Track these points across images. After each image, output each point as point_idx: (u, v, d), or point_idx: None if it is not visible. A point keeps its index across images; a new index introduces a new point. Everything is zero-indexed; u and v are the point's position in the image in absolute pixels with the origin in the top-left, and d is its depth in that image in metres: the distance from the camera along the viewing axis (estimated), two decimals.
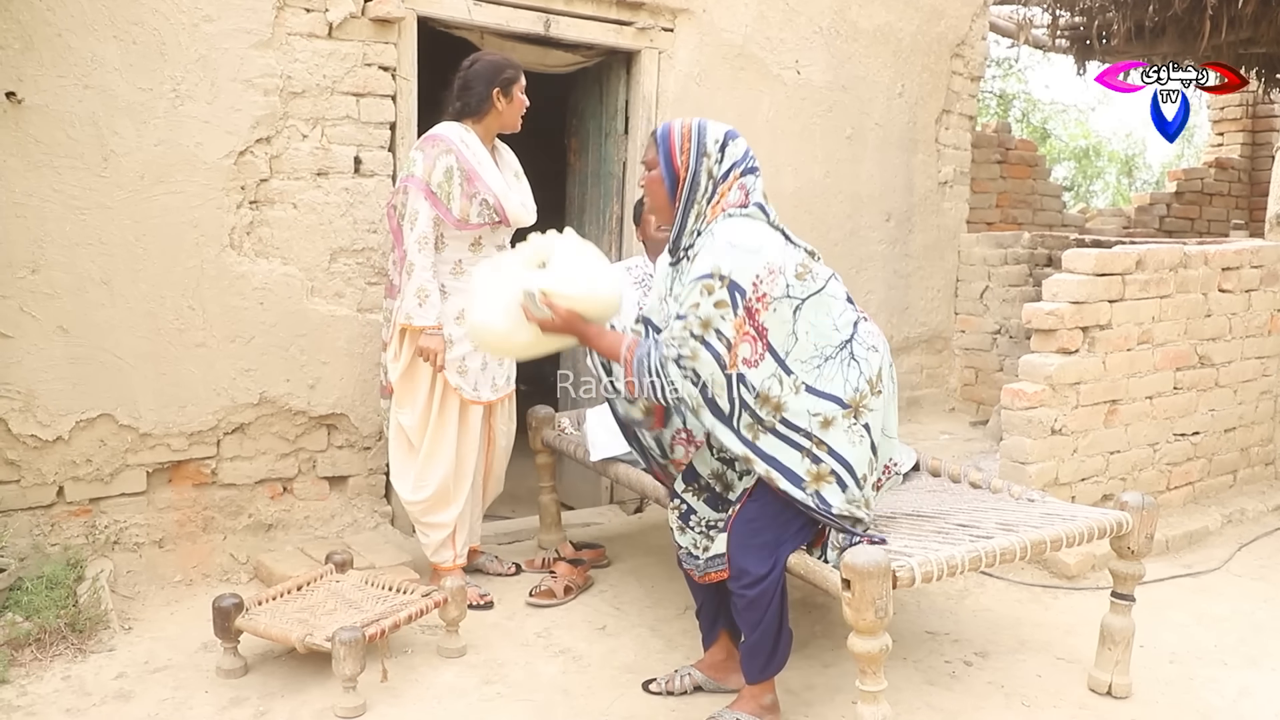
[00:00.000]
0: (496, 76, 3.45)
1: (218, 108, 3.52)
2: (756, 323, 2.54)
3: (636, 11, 4.43)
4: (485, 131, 3.51)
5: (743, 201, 2.65)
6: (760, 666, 2.72)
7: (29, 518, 3.43)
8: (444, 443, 3.48)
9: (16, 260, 3.29)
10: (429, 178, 3.34)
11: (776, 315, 2.56)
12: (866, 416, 2.63)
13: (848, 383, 2.61)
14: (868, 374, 2.63)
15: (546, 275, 2.68)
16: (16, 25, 3.19)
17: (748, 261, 2.53)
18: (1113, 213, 9.05)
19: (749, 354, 2.55)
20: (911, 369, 5.92)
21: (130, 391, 3.52)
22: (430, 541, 3.55)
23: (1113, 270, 4.11)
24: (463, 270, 3.45)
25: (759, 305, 2.54)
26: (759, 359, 2.55)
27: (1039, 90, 17.48)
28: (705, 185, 2.66)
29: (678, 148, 2.69)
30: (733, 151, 2.68)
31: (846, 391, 2.60)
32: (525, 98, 3.53)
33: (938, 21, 5.61)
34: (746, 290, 2.52)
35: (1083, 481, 4.18)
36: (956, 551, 2.55)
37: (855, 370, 2.63)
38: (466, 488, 3.55)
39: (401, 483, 3.54)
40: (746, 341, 2.54)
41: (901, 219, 5.68)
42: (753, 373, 2.55)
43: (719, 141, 2.68)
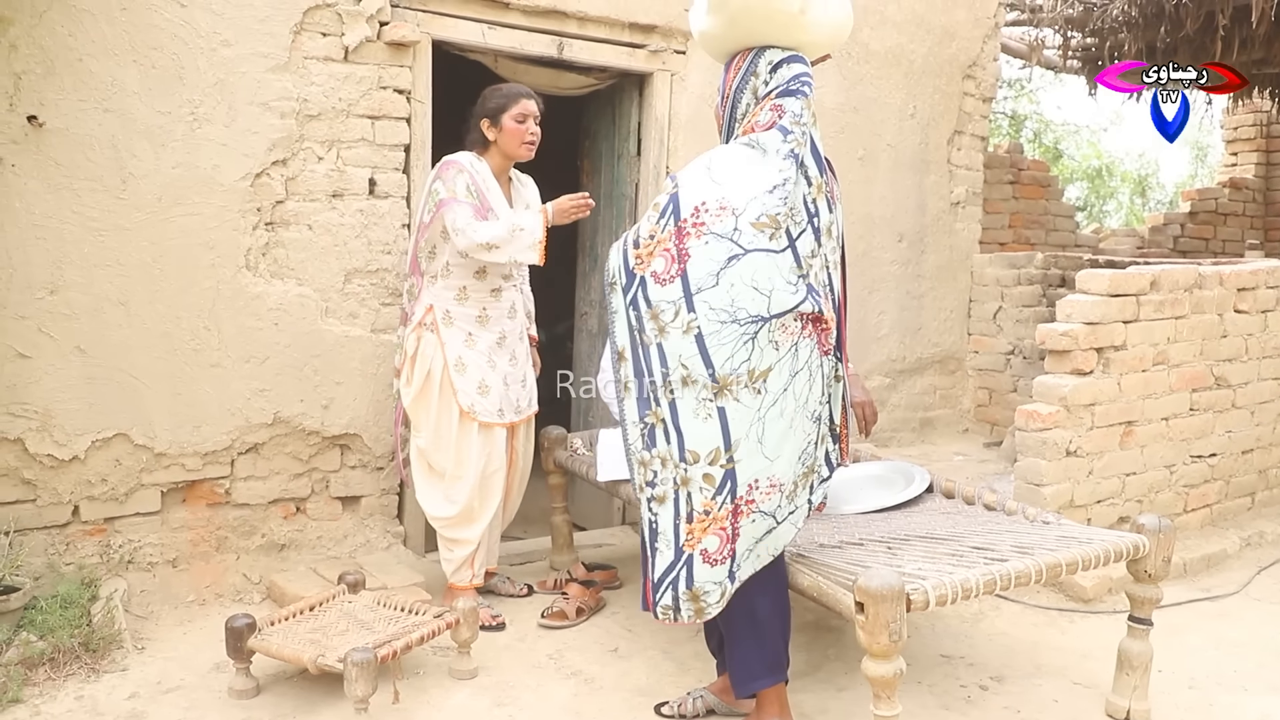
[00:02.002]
0: (483, 108, 3.52)
1: (235, 130, 3.55)
2: (682, 245, 2.48)
3: (649, 34, 4.46)
4: (494, 163, 3.55)
5: (770, 123, 2.56)
6: (744, 675, 2.70)
7: (44, 537, 3.45)
8: (468, 459, 3.49)
9: (35, 281, 3.32)
10: (456, 193, 3.39)
11: (706, 249, 2.47)
12: (729, 404, 2.49)
13: (732, 358, 2.47)
14: (755, 364, 2.48)
15: None
16: (39, 51, 3.23)
17: (703, 187, 2.50)
18: (1126, 233, 9.03)
19: (660, 269, 2.50)
20: (924, 390, 5.90)
21: (146, 411, 3.54)
22: (453, 558, 3.56)
23: (1127, 291, 4.10)
24: (467, 296, 3.50)
25: (691, 230, 2.48)
26: (668, 279, 2.50)
27: (1051, 111, 17.46)
28: (747, 105, 2.62)
29: (732, 68, 2.67)
30: (783, 74, 2.60)
31: (723, 364, 2.48)
32: (522, 126, 3.50)
33: (949, 43, 5.63)
34: (683, 211, 2.49)
35: (1098, 504, 4.15)
36: (971, 574, 2.53)
37: (746, 352, 2.49)
38: (493, 507, 3.57)
39: (427, 499, 3.56)
40: (662, 256, 2.50)
41: (914, 240, 5.68)
42: (656, 287, 2.50)
43: (772, 64, 2.61)
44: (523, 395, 3.69)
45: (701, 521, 2.54)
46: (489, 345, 3.54)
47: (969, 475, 4.95)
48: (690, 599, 2.57)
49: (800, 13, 2.59)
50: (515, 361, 3.65)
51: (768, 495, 2.55)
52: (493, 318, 3.56)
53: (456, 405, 3.47)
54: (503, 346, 3.59)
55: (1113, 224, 16.83)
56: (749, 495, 2.53)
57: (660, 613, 2.61)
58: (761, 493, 2.54)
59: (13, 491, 3.39)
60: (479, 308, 3.53)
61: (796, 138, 2.55)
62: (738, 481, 2.52)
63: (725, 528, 2.54)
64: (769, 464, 2.54)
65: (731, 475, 2.52)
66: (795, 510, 2.62)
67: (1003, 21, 6.17)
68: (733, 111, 2.67)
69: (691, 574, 2.56)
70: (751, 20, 2.61)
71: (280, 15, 3.58)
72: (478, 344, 3.52)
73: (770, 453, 2.54)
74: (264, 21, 3.56)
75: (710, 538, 2.54)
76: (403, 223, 3.91)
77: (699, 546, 2.55)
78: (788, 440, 2.56)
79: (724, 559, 2.55)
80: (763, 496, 2.54)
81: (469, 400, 3.48)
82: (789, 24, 2.61)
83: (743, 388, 2.49)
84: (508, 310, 3.62)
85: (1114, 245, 8.37)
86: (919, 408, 5.86)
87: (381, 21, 3.77)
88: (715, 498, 2.52)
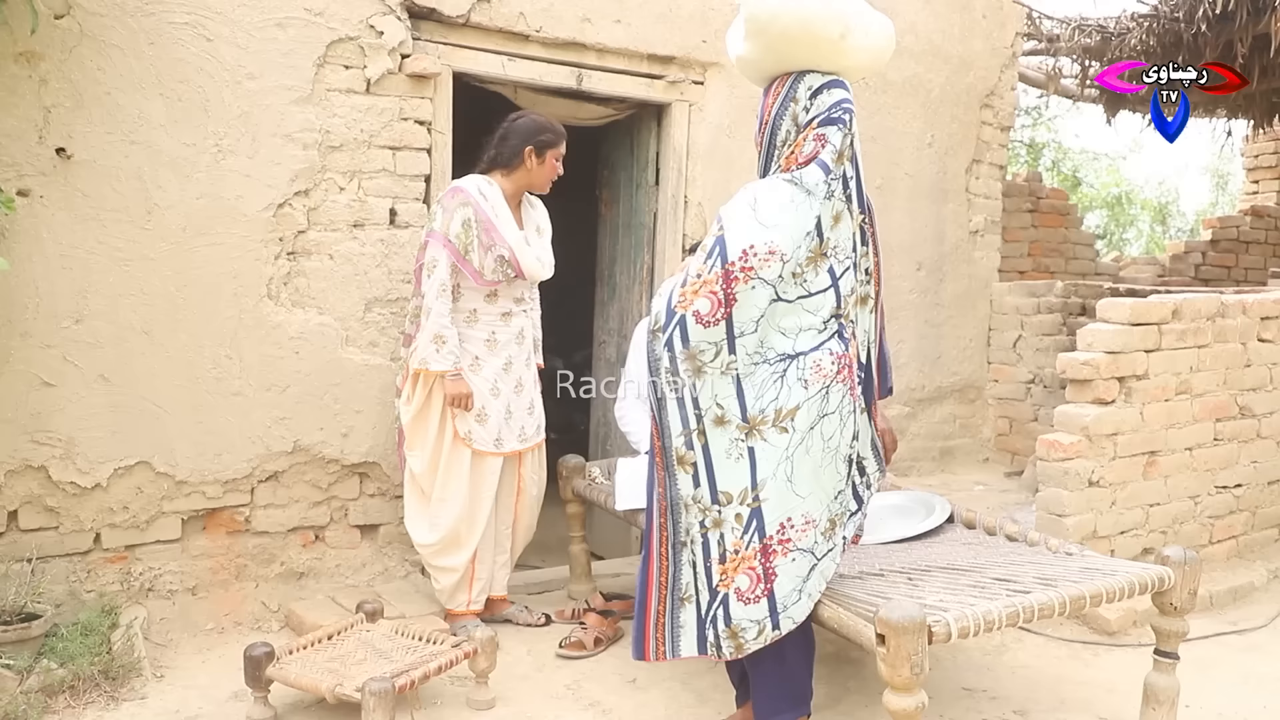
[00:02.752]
0: (533, 135, 3.53)
1: (258, 162, 3.60)
2: (729, 289, 2.45)
3: (667, 65, 4.49)
4: (513, 186, 3.58)
5: (813, 155, 2.54)
6: (767, 708, 2.68)
7: (66, 564, 3.47)
8: (455, 485, 3.51)
9: (61, 310, 3.36)
10: (447, 230, 3.41)
11: (752, 295, 2.46)
12: (757, 444, 2.50)
13: (761, 397, 2.49)
14: (783, 403, 2.49)
15: None
16: (69, 84, 3.29)
17: (750, 230, 2.46)
18: (1147, 261, 8.98)
19: (705, 310, 2.46)
20: (944, 419, 5.87)
21: (168, 439, 3.56)
22: (443, 586, 3.58)
23: (1149, 320, 4.08)
24: (477, 319, 3.53)
25: (740, 275, 2.45)
26: (713, 321, 2.47)
27: (1069, 139, 17.47)
28: (788, 132, 2.60)
29: (771, 93, 2.65)
30: (823, 101, 2.58)
31: (753, 404, 2.49)
32: (560, 166, 3.61)
33: (966, 73, 5.65)
34: (730, 254, 2.45)
35: (1122, 535, 4.10)
36: (994, 606, 2.51)
37: (775, 390, 2.50)
38: (479, 533, 3.58)
39: (414, 525, 3.59)
40: (708, 298, 2.46)
41: (932, 268, 5.67)
42: (698, 328, 2.47)
43: (812, 89, 2.58)
44: (529, 423, 3.69)
45: (733, 561, 2.54)
46: (495, 371, 3.56)
47: (990, 505, 4.91)
48: (729, 635, 2.57)
49: (841, 38, 2.58)
50: (521, 389, 3.65)
51: (803, 533, 2.54)
52: (500, 342, 3.58)
53: (452, 428, 3.49)
54: (509, 373, 3.60)
55: (1133, 252, 16.76)
56: (782, 534, 2.52)
57: (706, 649, 2.61)
58: (797, 530, 2.53)
59: (36, 519, 3.41)
60: (488, 330, 3.56)
61: (837, 176, 2.55)
62: (765, 520, 2.51)
63: (755, 567, 2.53)
64: (800, 501, 2.53)
65: (758, 514, 2.51)
66: (834, 548, 2.62)
67: (1020, 51, 6.18)
68: (772, 138, 2.65)
69: (729, 612, 2.55)
70: (791, 46, 2.59)
71: (304, 49, 3.63)
72: (483, 369, 3.53)
73: (801, 490, 2.53)
74: (288, 55, 3.61)
75: (741, 577, 2.54)
76: (417, 260, 3.93)
77: (733, 586, 2.54)
78: (818, 478, 2.55)
79: (758, 598, 2.53)
80: (798, 534, 2.53)
81: (465, 426, 3.50)
82: (829, 50, 2.59)
83: (769, 427, 2.50)
84: (515, 335, 3.63)
85: (1134, 273, 8.33)
86: (939, 437, 5.83)
87: (403, 54, 3.82)
88: (743, 536, 2.52)
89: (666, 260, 4.55)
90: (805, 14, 2.53)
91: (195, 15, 3.45)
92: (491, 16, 3.99)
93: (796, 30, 2.55)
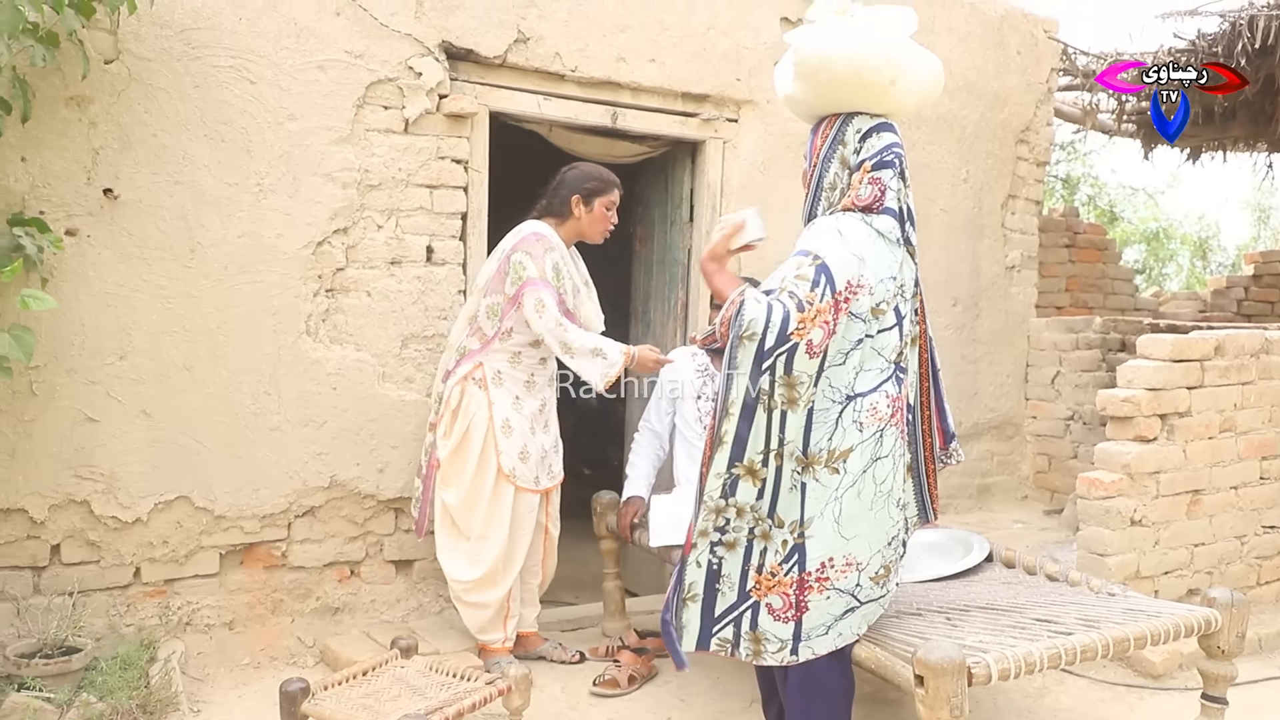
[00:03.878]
0: (580, 184, 3.61)
1: (298, 201, 3.66)
2: (836, 319, 2.44)
3: (701, 103, 4.53)
4: (565, 235, 3.65)
5: (875, 199, 2.54)
6: None
7: (106, 598, 3.50)
8: (498, 522, 3.52)
9: (105, 347, 3.42)
10: (544, 274, 3.45)
11: (848, 326, 2.46)
12: (809, 481, 2.50)
13: (821, 436, 2.49)
14: (837, 444, 2.49)
15: None
16: (116, 127, 3.37)
17: (850, 263, 2.46)
18: (1187, 296, 8.88)
19: (816, 341, 2.44)
20: (981, 455, 5.80)
21: (207, 474, 3.60)
22: (476, 620, 3.59)
23: (1190, 356, 4.02)
24: (520, 361, 3.57)
25: (844, 304, 2.45)
26: (818, 353, 2.45)
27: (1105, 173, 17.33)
28: (836, 175, 2.61)
29: (819, 134, 2.66)
30: (873, 144, 2.59)
31: (815, 443, 2.49)
32: (610, 215, 3.66)
33: (1001, 109, 5.64)
34: (838, 284, 2.44)
35: (1166, 575, 4.02)
36: (1035, 648, 2.47)
37: (829, 429, 2.50)
38: (515, 571, 3.59)
39: (449, 560, 3.58)
40: (821, 329, 2.43)
41: (968, 304, 5.64)
42: (805, 358, 2.44)
43: (860, 132, 2.60)
44: (556, 461, 3.76)
45: (769, 580, 2.54)
46: (532, 411, 3.61)
47: (1029, 544, 4.84)
48: (751, 640, 2.57)
49: (890, 83, 2.60)
50: (548, 429, 3.73)
51: (843, 574, 2.52)
52: (538, 384, 3.66)
53: (496, 466, 3.50)
54: (543, 414, 3.68)
55: (1173, 287, 16.56)
56: (822, 573, 2.51)
57: (716, 644, 2.61)
58: (837, 570, 2.51)
59: (78, 553, 3.46)
60: (528, 373, 3.61)
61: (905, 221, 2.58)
62: (807, 556, 2.51)
63: (789, 594, 2.53)
64: (845, 543, 2.52)
65: (801, 550, 2.51)
66: (885, 594, 2.60)
67: (1056, 87, 6.16)
68: (819, 180, 2.67)
69: (756, 618, 2.56)
70: (840, 90, 2.61)
71: (344, 90, 3.70)
72: (523, 408, 3.57)
73: (846, 532, 2.52)
74: (328, 96, 3.68)
75: (774, 597, 2.54)
76: (459, 289, 3.98)
77: (765, 599, 2.54)
78: (867, 521, 2.53)
79: (786, 620, 2.54)
80: (837, 574, 2.52)
81: (511, 464, 3.51)
82: (879, 94, 2.62)
83: (822, 467, 2.51)
84: (549, 378, 3.73)
85: (1175, 309, 8.23)
86: (976, 474, 5.76)
87: (441, 94, 3.88)
88: (783, 564, 2.53)
89: (700, 297, 4.55)
90: (856, 60, 2.55)
91: (239, 59, 3.53)
92: (528, 57, 4.05)
93: (847, 76, 2.57)
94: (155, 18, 3.37)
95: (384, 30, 3.75)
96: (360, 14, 3.70)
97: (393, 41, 3.77)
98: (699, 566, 2.61)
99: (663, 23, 4.35)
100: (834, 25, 2.62)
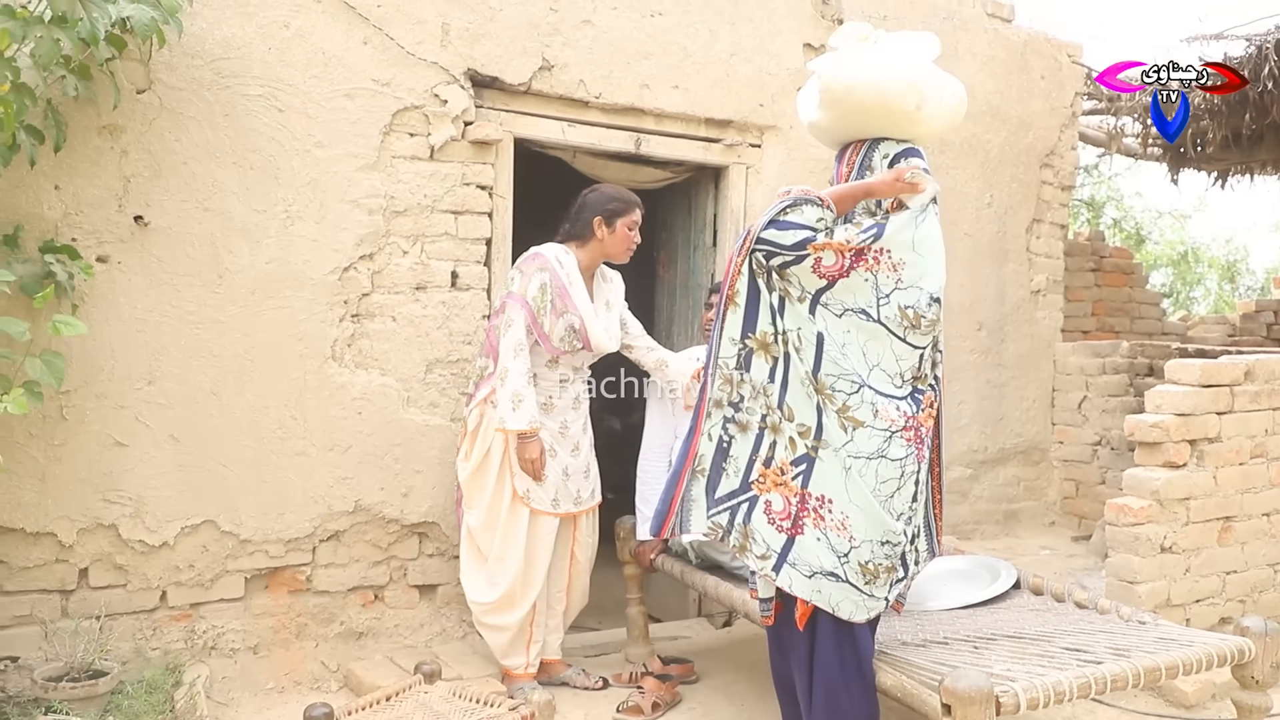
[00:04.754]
0: (601, 206, 3.60)
1: (325, 227, 3.70)
2: (852, 264, 2.50)
3: (724, 129, 4.55)
4: (588, 257, 3.64)
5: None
6: None
7: (133, 621, 3.52)
8: (513, 544, 3.51)
9: (135, 372, 3.46)
10: (525, 292, 3.47)
11: (863, 285, 2.52)
12: (826, 406, 2.53)
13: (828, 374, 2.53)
14: (854, 407, 2.52)
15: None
16: (148, 155, 3.43)
17: (903, 239, 2.54)
18: (1216, 320, 8.78)
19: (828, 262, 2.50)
20: (1008, 481, 5.75)
21: (233, 498, 3.62)
22: (497, 644, 3.58)
23: (1220, 381, 3.98)
24: (535, 383, 3.54)
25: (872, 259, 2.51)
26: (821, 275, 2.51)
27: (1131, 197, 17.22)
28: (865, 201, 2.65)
29: (845, 161, 2.71)
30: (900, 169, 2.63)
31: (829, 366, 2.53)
32: (631, 233, 3.64)
33: (1025, 133, 5.63)
34: (882, 240, 2.52)
35: (1197, 603, 3.96)
36: (1064, 677, 2.43)
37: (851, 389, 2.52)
38: (533, 594, 3.57)
39: (470, 582, 3.60)
40: (836, 255, 2.50)
41: (993, 328, 5.61)
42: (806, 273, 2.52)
43: (887, 157, 2.65)
44: (584, 486, 3.70)
45: (776, 476, 2.54)
46: (551, 434, 3.57)
47: (1057, 571, 4.78)
48: (742, 534, 2.58)
49: (916, 109, 2.62)
50: (577, 452, 3.67)
51: (837, 530, 2.52)
52: (557, 407, 3.61)
53: (511, 487, 3.50)
54: (565, 436, 3.63)
55: (1200, 311, 16.40)
56: (821, 507, 2.52)
57: (710, 526, 2.60)
58: (834, 520, 2.51)
59: (105, 576, 3.48)
60: (545, 396, 3.58)
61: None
62: (813, 476, 2.52)
63: (790, 501, 2.52)
64: (846, 498, 2.54)
65: (809, 464, 2.52)
66: (872, 597, 2.57)
67: (1080, 111, 6.15)
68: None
69: (751, 513, 2.56)
70: (866, 117, 2.64)
71: (371, 118, 3.75)
72: (540, 431, 3.52)
73: (851, 492, 2.53)
74: (356, 124, 3.73)
75: (776, 495, 2.54)
76: (483, 313, 4.00)
77: (765, 495, 2.54)
78: (865, 503, 2.53)
79: (780, 530, 2.53)
80: (832, 525, 2.51)
81: (524, 485, 3.51)
82: (904, 120, 2.64)
83: (833, 409, 2.52)
84: (572, 401, 3.66)
85: (1203, 333, 8.14)
86: (1002, 499, 5.71)
87: (466, 121, 3.92)
88: (793, 464, 2.53)
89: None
90: (881, 86, 2.57)
91: (269, 88, 3.58)
92: (552, 84, 4.08)
93: (872, 102, 2.59)
94: (186, 48, 3.44)
95: (410, 59, 3.80)
96: (387, 43, 3.75)
97: (419, 70, 3.82)
98: (710, 440, 2.62)
99: (686, 50, 4.38)
100: (858, 52, 2.63)
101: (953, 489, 5.51)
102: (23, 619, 3.36)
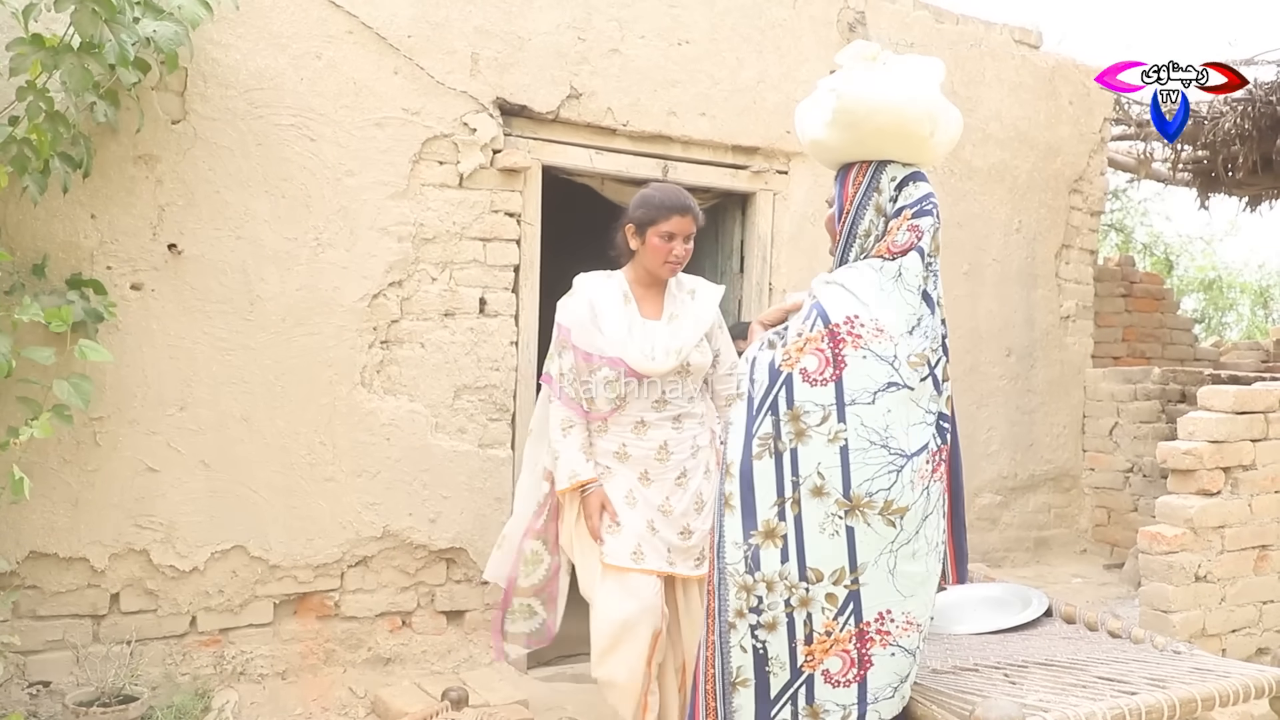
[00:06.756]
0: (630, 214, 3.17)
1: (355, 254, 3.74)
2: (837, 350, 2.36)
3: (751, 156, 4.57)
4: (635, 273, 3.22)
5: (910, 244, 2.51)
6: None
7: (162, 646, 3.54)
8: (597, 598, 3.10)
9: (167, 398, 3.50)
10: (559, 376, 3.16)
11: (865, 364, 2.36)
12: (858, 524, 2.36)
13: (872, 481, 2.34)
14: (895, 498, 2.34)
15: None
16: (181, 185, 3.48)
17: (848, 302, 2.41)
18: (1249, 346, 8.68)
19: (812, 368, 2.36)
20: (1038, 508, 5.68)
21: (262, 524, 3.65)
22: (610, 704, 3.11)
23: (1254, 408, 3.93)
24: (606, 429, 3.15)
25: (847, 338, 2.37)
26: (820, 381, 2.36)
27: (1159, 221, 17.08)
28: (871, 222, 2.60)
29: (850, 182, 2.65)
30: (910, 192, 2.57)
31: (860, 484, 2.34)
32: (667, 244, 3.11)
33: (1054, 159, 5.61)
34: (832, 318, 2.38)
35: (1233, 633, 3.89)
36: (1098, 707, 2.38)
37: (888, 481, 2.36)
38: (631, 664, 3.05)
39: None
40: (814, 355, 2.36)
41: (1023, 354, 5.57)
42: (804, 386, 2.35)
43: (895, 180, 2.58)
44: (678, 545, 3.12)
45: (823, 643, 2.45)
46: (630, 481, 3.13)
47: (1089, 599, 4.72)
48: (809, 714, 2.48)
49: (930, 135, 2.61)
50: (667, 507, 3.12)
51: (905, 632, 2.44)
52: (634, 455, 3.12)
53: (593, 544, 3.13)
54: (648, 486, 3.12)
55: (1233, 336, 16.20)
56: (881, 625, 2.43)
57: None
58: (898, 627, 2.43)
59: (136, 601, 3.51)
60: (617, 443, 3.13)
61: (934, 267, 2.55)
62: (863, 605, 2.42)
63: (849, 650, 2.44)
64: (903, 600, 2.42)
65: (856, 597, 2.42)
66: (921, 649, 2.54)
67: (1109, 136, 6.13)
68: (853, 226, 2.66)
69: (812, 691, 2.47)
70: (882, 140, 2.62)
71: (401, 146, 3.79)
72: (615, 477, 3.13)
73: (904, 589, 2.42)
74: (385, 152, 3.77)
75: (832, 659, 2.44)
76: (511, 340, 4.02)
77: (820, 667, 2.45)
78: (921, 581, 2.45)
79: (849, 682, 2.44)
80: (899, 632, 2.43)
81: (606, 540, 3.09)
82: (916, 145, 2.62)
83: (875, 514, 2.39)
84: (654, 449, 3.12)
85: (1236, 359, 8.04)
86: (1033, 527, 5.64)
87: (495, 149, 3.96)
88: (837, 618, 2.44)
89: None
90: (901, 111, 2.56)
91: (300, 117, 3.63)
92: (580, 112, 4.12)
93: (891, 126, 2.58)
94: (220, 79, 3.50)
95: (440, 88, 3.84)
96: (417, 73, 3.80)
97: (448, 99, 3.86)
98: (744, 651, 2.53)
99: (713, 77, 4.41)
100: (873, 73, 2.63)
101: (982, 515, 5.46)
102: (55, 644, 3.39)
